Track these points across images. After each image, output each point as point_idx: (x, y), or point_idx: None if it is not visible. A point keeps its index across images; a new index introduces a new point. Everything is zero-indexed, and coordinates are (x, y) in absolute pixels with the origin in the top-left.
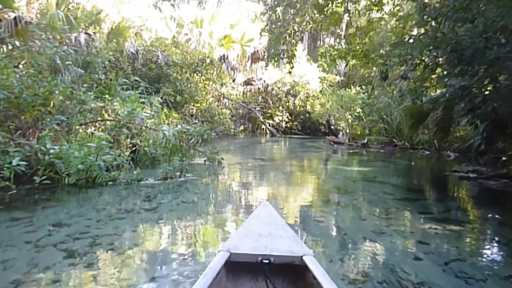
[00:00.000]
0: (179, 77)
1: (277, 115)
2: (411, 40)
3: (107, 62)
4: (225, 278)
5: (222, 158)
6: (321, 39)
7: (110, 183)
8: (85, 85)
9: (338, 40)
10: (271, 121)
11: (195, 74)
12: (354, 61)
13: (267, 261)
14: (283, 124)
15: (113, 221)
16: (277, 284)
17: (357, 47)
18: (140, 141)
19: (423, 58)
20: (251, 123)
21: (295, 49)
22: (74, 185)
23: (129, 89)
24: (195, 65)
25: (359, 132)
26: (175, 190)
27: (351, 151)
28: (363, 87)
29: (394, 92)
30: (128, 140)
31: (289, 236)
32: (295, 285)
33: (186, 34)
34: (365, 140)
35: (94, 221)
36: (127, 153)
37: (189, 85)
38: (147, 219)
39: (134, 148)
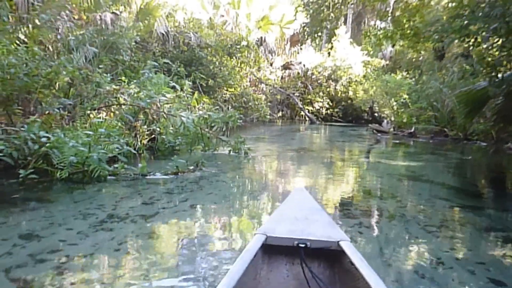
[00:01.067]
0: (213, 60)
1: (317, 101)
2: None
3: (133, 43)
4: (261, 261)
5: (249, 148)
6: (366, 22)
7: (112, 177)
8: (101, 66)
9: (384, 21)
10: (310, 108)
11: (229, 57)
12: (402, 42)
13: (303, 245)
14: (323, 111)
15: (96, 233)
16: (313, 269)
17: (406, 26)
18: (159, 128)
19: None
20: (289, 110)
21: (335, 27)
22: (69, 180)
23: (159, 72)
24: (229, 48)
25: (405, 120)
26: (187, 188)
27: (396, 141)
28: (410, 72)
29: (446, 77)
30: (145, 127)
31: (325, 221)
32: (331, 270)
33: (222, 16)
34: (412, 129)
35: (75, 232)
36: (145, 141)
37: (222, 69)
38: (138, 233)
39: (152, 136)
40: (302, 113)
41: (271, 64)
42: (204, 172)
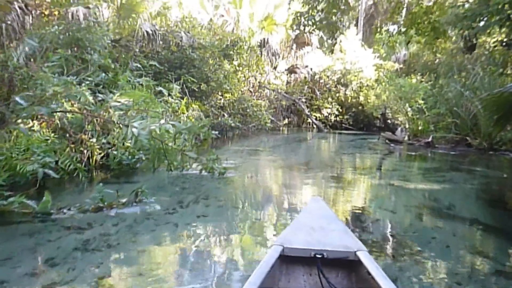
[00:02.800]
0: (207, 62)
1: (326, 107)
2: None
3: (107, 41)
4: (278, 272)
5: (224, 168)
6: (378, 24)
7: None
8: (48, 64)
9: (397, 23)
10: (318, 114)
11: (225, 59)
12: (417, 38)
13: (320, 256)
14: (332, 118)
15: None
16: (330, 279)
17: (424, 18)
18: (111, 141)
19: None
20: (296, 116)
21: (339, 18)
22: None
23: (144, 75)
24: (225, 48)
25: (421, 128)
26: (103, 243)
27: (412, 153)
28: (426, 75)
29: (465, 79)
30: (94, 139)
31: (341, 231)
32: (349, 280)
33: (222, 16)
34: (430, 138)
35: None
36: (98, 158)
37: (217, 72)
38: None
39: (108, 150)
40: (309, 120)
41: (274, 68)
42: (148, 206)
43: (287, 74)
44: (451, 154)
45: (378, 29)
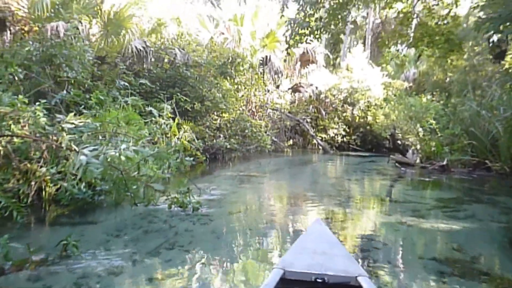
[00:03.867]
0: (204, 80)
1: (332, 128)
2: None
3: (88, 58)
4: None
5: (199, 203)
6: (387, 41)
7: None
8: None
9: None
10: (324, 135)
11: (222, 77)
12: (428, 52)
13: (321, 280)
14: (339, 139)
15: None
16: None
17: (436, 30)
18: (65, 170)
19: None
20: (301, 137)
21: (341, 29)
22: None
23: (133, 94)
24: (222, 66)
25: (434, 150)
26: None
27: (426, 178)
28: (436, 94)
29: (483, 98)
30: (44, 168)
31: (343, 255)
32: None
33: (222, 33)
34: (445, 161)
35: None
36: (51, 190)
37: (212, 90)
38: None
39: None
40: (315, 141)
41: (277, 87)
42: (87, 262)
43: (291, 93)
44: (468, 180)
45: (387, 43)
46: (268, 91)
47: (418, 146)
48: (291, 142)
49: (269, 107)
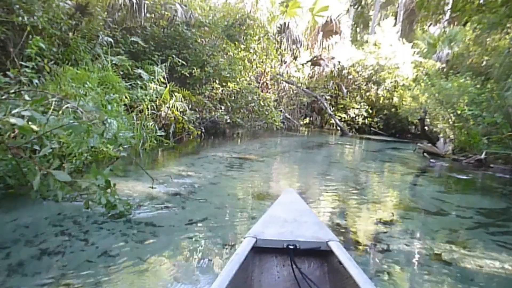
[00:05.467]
0: (209, 43)
1: (353, 108)
2: None
3: (61, 3)
4: (251, 264)
5: (129, 205)
6: (420, 24)
7: None
8: None
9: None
10: (343, 115)
11: (228, 41)
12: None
13: (292, 247)
14: (360, 120)
15: None
16: (303, 269)
17: None
18: None
19: None
20: (319, 116)
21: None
22: None
23: (122, 54)
24: (230, 27)
25: (471, 140)
26: None
27: (460, 175)
28: (472, 78)
29: None
30: None
31: (314, 222)
32: (321, 270)
33: None
34: (483, 155)
35: None
36: None
37: (215, 54)
38: None
39: None
40: (333, 121)
41: (295, 58)
42: None
43: (310, 67)
44: None
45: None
46: (285, 62)
47: (451, 135)
48: (307, 120)
49: (283, 79)
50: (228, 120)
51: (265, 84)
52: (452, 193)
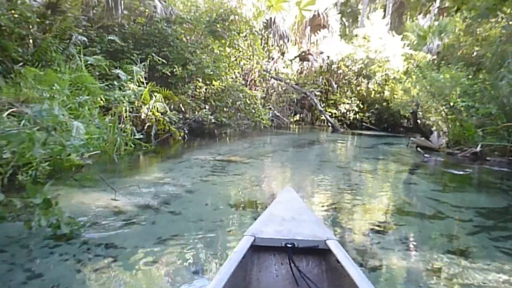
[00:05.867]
0: (191, 40)
1: (344, 103)
2: None
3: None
4: (250, 262)
5: (77, 224)
6: (408, 17)
7: None
8: None
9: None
10: (334, 111)
11: (212, 38)
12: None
13: (291, 245)
14: (351, 115)
15: None
16: (301, 268)
17: None
18: None
19: None
20: (310, 112)
21: None
22: None
23: (98, 54)
24: (212, 23)
25: (465, 133)
26: None
27: (456, 171)
28: (462, 69)
29: None
30: None
31: (312, 221)
32: (319, 269)
33: None
34: (478, 148)
35: None
36: None
37: (196, 52)
38: None
39: None
40: (323, 117)
41: (282, 54)
42: None
43: (298, 62)
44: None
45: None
46: (272, 58)
47: (445, 128)
48: (297, 117)
49: (271, 76)
50: (213, 120)
51: (253, 81)
52: (449, 192)
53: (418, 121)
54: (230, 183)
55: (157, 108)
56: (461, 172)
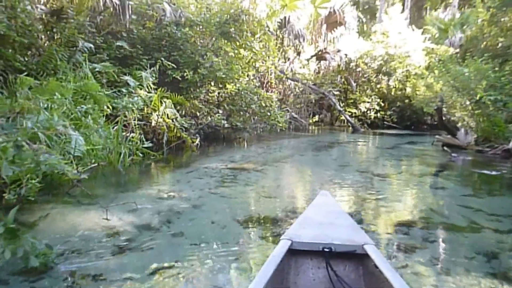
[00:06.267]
0: (201, 42)
1: (364, 102)
2: None
3: (28, 8)
4: (287, 266)
5: (44, 254)
6: (427, 11)
7: None
8: None
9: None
10: (354, 110)
11: (224, 40)
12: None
13: (328, 249)
14: (372, 114)
15: None
16: (338, 272)
17: None
18: None
19: None
20: (329, 113)
21: None
22: None
23: (106, 60)
24: (223, 24)
25: (495, 129)
26: None
27: (488, 171)
28: (489, 61)
29: None
30: None
31: (349, 225)
32: (357, 273)
33: None
34: (510, 144)
35: None
36: None
37: (208, 55)
38: None
39: None
40: (343, 117)
41: (298, 54)
42: None
43: (315, 62)
44: None
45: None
46: (288, 59)
47: (472, 124)
48: (316, 118)
49: (287, 77)
50: (226, 125)
51: (269, 83)
52: (482, 196)
53: (443, 117)
54: (240, 195)
55: (167, 114)
56: (494, 173)
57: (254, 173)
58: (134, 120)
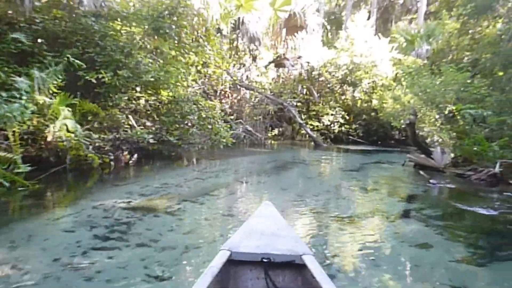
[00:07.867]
0: (126, 39)
1: (327, 114)
2: None
3: None
4: (226, 277)
5: None
6: (393, 21)
7: None
8: None
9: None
10: (316, 123)
11: (158, 36)
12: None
13: (267, 260)
14: (336, 128)
15: None
16: (277, 282)
17: None
18: None
19: None
20: (290, 126)
21: None
22: None
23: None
24: (156, 19)
25: (476, 148)
26: None
27: (479, 208)
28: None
29: None
30: None
31: (289, 236)
32: (295, 283)
33: None
34: (497, 168)
35: None
36: None
37: (134, 54)
38: None
39: None
40: (304, 131)
41: (254, 59)
42: None
43: (274, 69)
44: None
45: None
46: (243, 65)
47: (442, 139)
48: (276, 131)
49: (241, 84)
50: (151, 141)
51: (222, 92)
52: (485, 264)
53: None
54: (117, 270)
55: (67, 126)
56: (492, 212)
57: (162, 217)
58: (13, 134)
